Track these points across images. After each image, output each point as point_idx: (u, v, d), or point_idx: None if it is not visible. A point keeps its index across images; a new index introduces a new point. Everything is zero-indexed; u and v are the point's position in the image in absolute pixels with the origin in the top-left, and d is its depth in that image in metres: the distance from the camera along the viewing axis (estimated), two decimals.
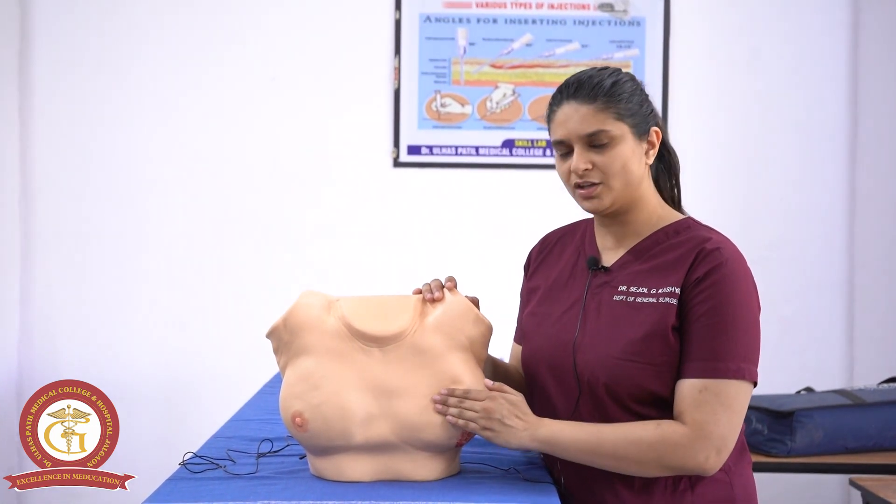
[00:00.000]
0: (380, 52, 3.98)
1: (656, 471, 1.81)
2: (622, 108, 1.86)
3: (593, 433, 1.80)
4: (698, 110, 3.99)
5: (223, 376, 3.96)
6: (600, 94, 1.86)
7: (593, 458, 1.81)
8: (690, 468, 1.80)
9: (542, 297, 2.01)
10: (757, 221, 3.98)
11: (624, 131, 1.86)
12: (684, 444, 1.78)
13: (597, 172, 1.87)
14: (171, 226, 3.99)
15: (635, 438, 1.79)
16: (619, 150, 1.86)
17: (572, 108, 1.87)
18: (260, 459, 1.96)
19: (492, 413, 1.78)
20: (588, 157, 1.86)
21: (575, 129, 1.86)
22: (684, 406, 1.79)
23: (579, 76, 1.90)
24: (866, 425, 3.11)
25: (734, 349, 1.79)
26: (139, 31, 3.97)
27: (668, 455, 1.78)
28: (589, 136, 1.85)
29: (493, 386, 1.82)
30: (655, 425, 1.79)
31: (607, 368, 1.85)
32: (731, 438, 1.80)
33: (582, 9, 3.98)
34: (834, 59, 3.98)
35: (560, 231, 2.10)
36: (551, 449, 1.82)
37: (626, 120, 1.87)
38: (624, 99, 1.87)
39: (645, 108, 1.90)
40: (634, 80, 1.92)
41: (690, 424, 1.78)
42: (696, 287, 1.82)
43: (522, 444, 1.81)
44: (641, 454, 1.79)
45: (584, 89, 1.87)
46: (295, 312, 1.84)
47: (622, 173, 1.86)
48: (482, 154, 3.99)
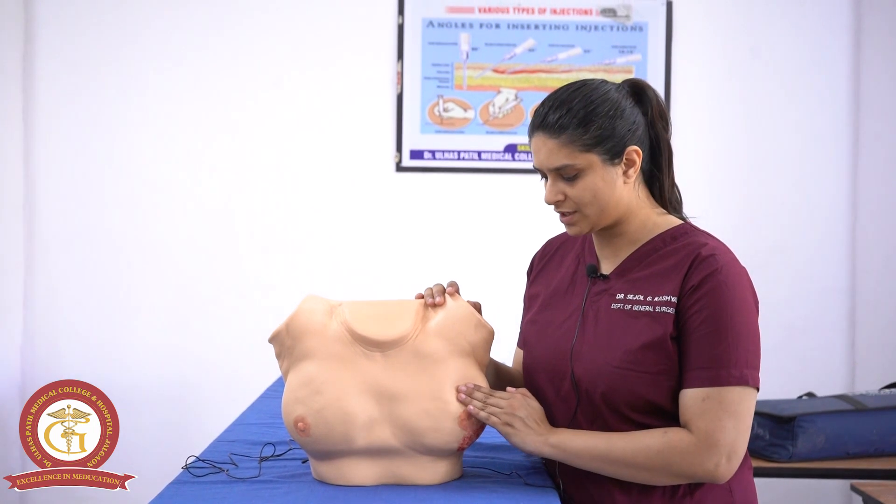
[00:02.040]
0: (383, 56, 3.99)
1: (667, 478, 1.82)
2: (589, 138, 1.83)
3: (602, 441, 1.82)
4: (700, 114, 3.99)
5: (225, 379, 3.96)
6: (567, 126, 1.84)
7: (603, 466, 1.83)
8: (700, 476, 1.80)
9: (542, 304, 2.02)
10: (758, 225, 3.98)
11: (592, 161, 1.85)
12: (692, 451, 1.78)
13: (569, 202, 1.88)
14: (174, 228, 4.00)
15: (643, 446, 1.80)
16: (588, 180, 1.85)
17: (541, 140, 1.87)
18: (262, 463, 1.97)
19: (516, 410, 1.84)
20: (559, 188, 1.87)
21: (544, 161, 1.87)
22: (690, 416, 1.80)
23: (551, 101, 1.87)
24: (868, 430, 3.11)
25: (734, 356, 1.79)
26: (143, 34, 3.98)
27: (675, 463, 1.79)
28: (557, 170, 1.86)
29: (518, 390, 1.89)
30: (662, 433, 1.80)
31: (605, 377, 1.85)
32: (740, 444, 1.80)
33: (584, 14, 3.98)
34: (836, 64, 3.99)
35: (562, 237, 2.10)
36: (562, 456, 1.84)
37: (595, 149, 1.84)
38: (594, 126, 1.84)
39: (620, 127, 1.86)
40: (616, 92, 1.88)
41: (697, 433, 1.79)
42: (692, 295, 1.82)
43: (537, 447, 1.84)
44: (649, 461, 1.80)
45: (551, 120, 1.85)
46: (297, 317, 1.84)
47: (594, 202, 1.86)
48: (484, 159, 4.00)
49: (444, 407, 1.80)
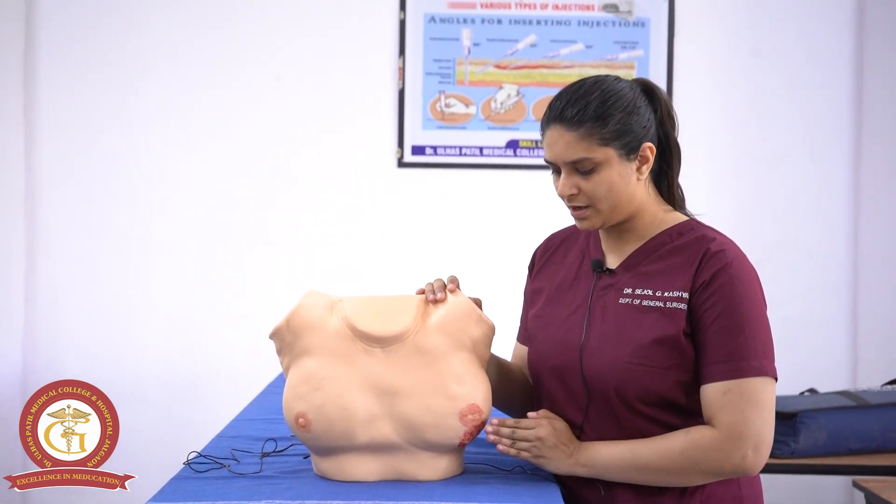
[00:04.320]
0: (384, 52, 3.99)
1: (697, 478, 1.82)
2: (608, 132, 1.83)
3: (628, 451, 1.83)
4: (703, 111, 3.98)
5: (227, 376, 3.96)
6: (585, 119, 1.83)
7: (633, 476, 1.83)
8: (729, 471, 1.80)
9: (546, 298, 2.01)
10: (761, 222, 3.98)
11: (609, 156, 1.84)
12: (717, 447, 1.78)
13: (583, 196, 1.87)
14: (175, 226, 4.00)
15: (666, 449, 1.80)
16: (605, 175, 1.85)
17: (558, 133, 1.85)
18: (264, 459, 1.97)
19: (545, 441, 1.84)
20: (574, 182, 1.86)
21: (560, 154, 1.86)
22: (713, 411, 1.80)
23: (568, 94, 1.87)
24: (870, 427, 3.11)
25: (751, 347, 1.80)
26: (144, 32, 3.98)
27: (702, 461, 1.79)
28: (573, 163, 1.85)
29: (540, 414, 1.88)
30: (685, 434, 1.81)
31: (617, 372, 1.85)
32: (766, 434, 1.80)
33: (586, 9, 3.98)
34: (838, 60, 3.98)
35: (565, 231, 2.09)
36: (593, 472, 1.85)
37: (613, 143, 1.84)
38: (612, 121, 1.84)
39: (636, 124, 1.86)
40: (631, 90, 1.88)
41: (721, 427, 1.79)
42: (704, 291, 1.82)
43: (570, 469, 1.86)
44: (675, 464, 1.80)
45: (569, 113, 1.84)
46: (298, 313, 1.84)
47: (608, 197, 1.86)
48: (486, 154, 4.00)
49: (445, 402, 1.80)
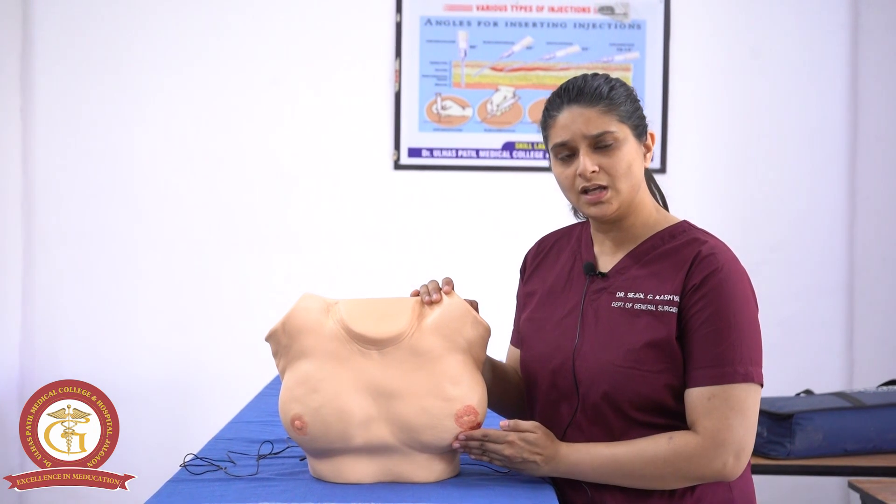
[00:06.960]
0: (380, 54, 3.99)
1: (678, 483, 1.82)
2: (622, 110, 1.88)
3: (609, 457, 1.83)
4: (698, 113, 3.99)
5: (224, 378, 3.96)
6: (602, 97, 1.87)
7: (614, 479, 1.84)
8: (709, 476, 1.81)
9: (539, 301, 2.02)
10: (757, 224, 3.98)
11: (626, 133, 1.88)
12: (699, 453, 1.79)
13: (603, 175, 1.87)
14: (172, 227, 4.00)
15: (650, 456, 1.80)
16: (624, 151, 1.87)
17: (576, 112, 1.87)
18: (260, 461, 1.97)
19: (513, 459, 1.82)
20: (594, 159, 1.87)
21: (580, 130, 1.86)
22: (696, 416, 1.81)
23: (576, 82, 1.91)
24: (865, 428, 3.11)
25: (738, 353, 1.80)
26: (141, 33, 3.98)
27: (684, 467, 1.80)
28: (595, 138, 1.86)
29: (508, 426, 1.83)
30: (667, 439, 1.81)
31: (609, 376, 1.85)
32: (747, 442, 1.81)
33: (582, 12, 3.98)
34: (834, 62, 3.99)
35: (556, 234, 2.10)
36: (576, 475, 1.85)
37: (627, 122, 1.88)
38: (622, 102, 1.89)
39: (639, 112, 1.92)
40: (626, 85, 1.94)
41: (703, 433, 1.79)
42: (693, 294, 1.83)
43: (549, 474, 1.85)
44: (658, 470, 1.80)
45: (586, 94, 1.88)
46: (293, 316, 1.84)
47: (628, 175, 1.87)
48: (482, 157, 4.00)
49: (440, 404, 1.80)
